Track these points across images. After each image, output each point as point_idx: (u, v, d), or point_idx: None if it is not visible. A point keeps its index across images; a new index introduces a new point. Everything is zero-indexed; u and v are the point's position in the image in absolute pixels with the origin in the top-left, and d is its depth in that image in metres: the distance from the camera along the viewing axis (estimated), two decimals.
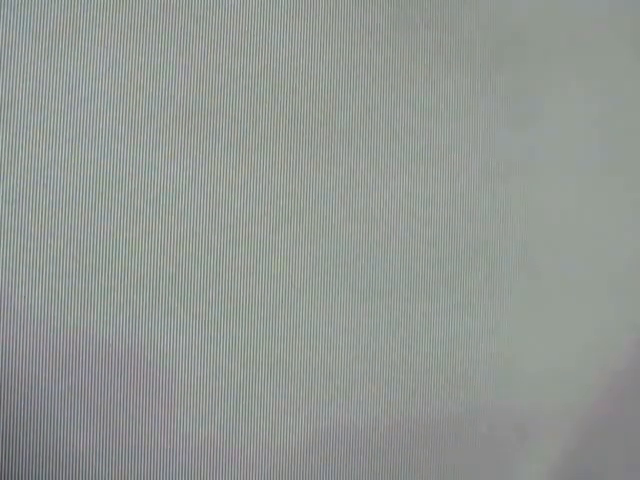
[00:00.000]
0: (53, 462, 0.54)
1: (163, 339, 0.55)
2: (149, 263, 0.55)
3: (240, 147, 0.57)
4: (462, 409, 0.59)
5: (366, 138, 0.59)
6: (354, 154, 0.58)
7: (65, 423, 0.54)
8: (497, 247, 0.60)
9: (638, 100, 0.64)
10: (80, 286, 0.54)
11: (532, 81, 0.62)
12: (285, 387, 0.57)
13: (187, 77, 0.56)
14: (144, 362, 0.55)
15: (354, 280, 0.58)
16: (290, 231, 0.57)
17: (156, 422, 0.55)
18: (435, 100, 0.60)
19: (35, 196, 0.54)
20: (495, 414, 0.60)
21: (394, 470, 0.58)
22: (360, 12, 0.59)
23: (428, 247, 0.59)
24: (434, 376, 0.59)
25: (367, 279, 0.58)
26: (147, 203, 0.55)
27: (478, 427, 0.60)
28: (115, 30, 0.55)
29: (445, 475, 0.59)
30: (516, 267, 0.61)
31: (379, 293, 0.58)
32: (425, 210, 0.59)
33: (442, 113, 0.60)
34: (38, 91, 0.54)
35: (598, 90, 0.63)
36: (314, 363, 0.57)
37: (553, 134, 0.62)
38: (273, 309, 0.57)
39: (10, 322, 0.53)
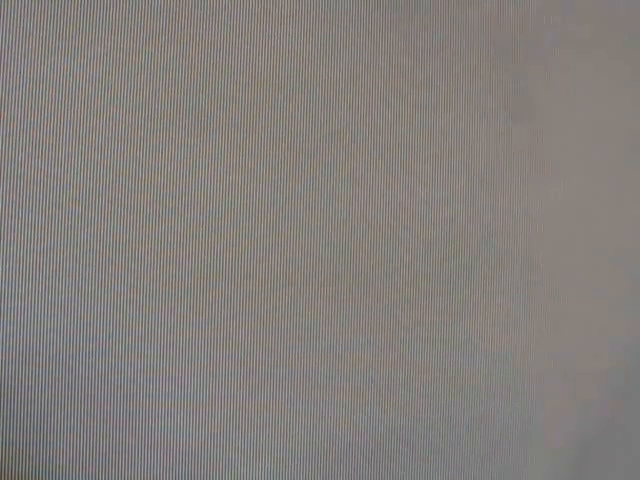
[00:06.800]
0: (53, 461, 0.54)
1: (163, 339, 0.55)
2: (149, 263, 0.55)
3: (240, 147, 0.57)
4: (462, 409, 0.59)
5: (366, 138, 0.59)
6: (354, 154, 0.59)
7: (65, 422, 0.54)
8: (498, 247, 0.60)
9: (639, 99, 0.64)
10: (80, 286, 0.54)
11: (533, 80, 0.62)
12: (285, 387, 0.57)
13: (187, 77, 0.56)
14: (144, 362, 0.55)
15: (354, 280, 0.58)
16: (290, 231, 0.57)
17: (156, 422, 0.55)
18: (436, 100, 0.60)
19: (35, 196, 0.54)
20: (496, 413, 0.60)
21: (394, 470, 0.58)
22: (360, 12, 0.59)
23: (429, 247, 0.59)
24: (434, 375, 0.59)
25: (367, 279, 0.58)
26: (147, 203, 0.55)
27: (478, 427, 0.60)
28: (115, 31, 0.55)
29: (446, 475, 0.59)
30: (517, 267, 0.61)
31: (379, 293, 0.58)
32: (426, 210, 0.59)
33: (443, 113, 0.60)
34: (38, 91, 0.54)
35: (599, 89, 0.63)
36: (314, 363, 0.57)
37: (554, 133, 0.62)
38: (273, 309, 0.57)
39: (10, 322, 0.53)
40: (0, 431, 0.53)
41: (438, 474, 0.59)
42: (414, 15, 0.60)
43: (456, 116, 0.60)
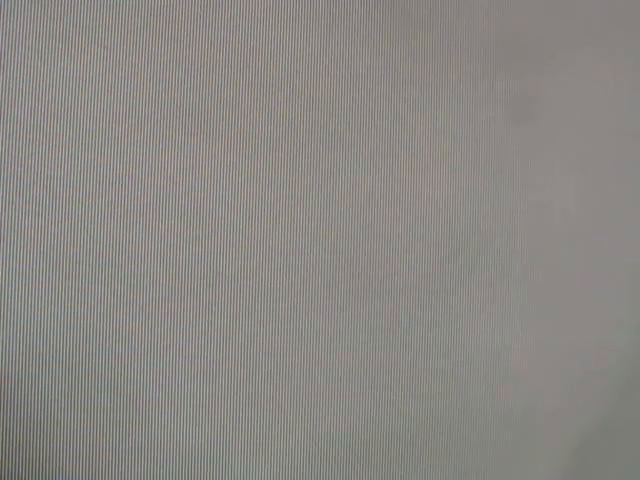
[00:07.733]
0: (53, 462, 0.54)
1: (163, 339, 0.55)
2: (149, 264, 0.55)
3: (240, 148, 0.57)
4: (462, 409, 0.59)
5: (367, 139, 0.59)
6: (355, 155, 0.58)
7: (65, 423, 0.54)
8: (498, 248, 0.60)
9: (639, 99, 0.64)
10: (81, 287, 0.54)
11: (534, 81, 0.61)
12: (285, 388, 0.57)
13: (188, 79, 0.56)
14: (145, 363, 0.55)
15: (354, 280, 0.58)
16: (290, 232, 0.57)
17: (156, 423, 0.55)
18: (436, 101, 0.60)
19: (35, 197, 0.54)
20: (495, 414, 0.60)
21: (394, 470, 0.58)
22: (361, 14, 0.59)
23: (429, 248, 0.59)
24: (434, 376, 0.59)
25: (367, 280, 0.58)
26: (147, 204, 0.55)
27: (478, 427, 0.60)
28: (115, 32, 0.55)
29: (445, 475, 0.59)
30: (517, 268, 0.61)
31: (379, 293, 0.58)
32: (426, 211, 0.59)
33: (444, 114, 0.60)
34: (38, 92, 0.54)
35: (599, 89, 0.63)
36: (314, 364, 0.57)
37: (555, 133, 0.62)
38: (273, 310, 0.57)
39: (11, 323, 0.53)
40: (0, 432, 0.53)
41: (437, 474, 0.59)
42: (414, 16, 0.60)
43: (457, 117, 0.60)
